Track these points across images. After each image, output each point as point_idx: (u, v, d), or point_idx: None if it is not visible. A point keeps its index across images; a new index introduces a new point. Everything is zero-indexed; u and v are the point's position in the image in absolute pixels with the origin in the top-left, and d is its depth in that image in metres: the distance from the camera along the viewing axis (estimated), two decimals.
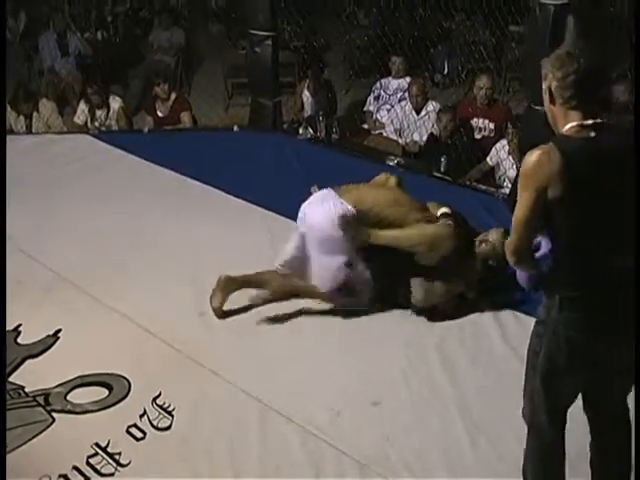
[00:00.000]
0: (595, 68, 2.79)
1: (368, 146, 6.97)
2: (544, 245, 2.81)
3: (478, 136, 6.91)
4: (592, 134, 2.73)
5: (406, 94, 7.29)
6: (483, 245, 4.50)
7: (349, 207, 4.25)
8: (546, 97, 2.84)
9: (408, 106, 7.18)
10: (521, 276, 2.98)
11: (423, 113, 7.10)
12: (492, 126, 6.88)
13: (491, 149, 6.38)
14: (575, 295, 2.78)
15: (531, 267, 2.82)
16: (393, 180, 4.69)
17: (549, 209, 2.71)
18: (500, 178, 6.37)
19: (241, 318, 4.42)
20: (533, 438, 3.06)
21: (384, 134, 7.28)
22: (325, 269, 4.33)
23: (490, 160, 6.39)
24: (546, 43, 5.10)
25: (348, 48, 9.67)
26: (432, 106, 7.10)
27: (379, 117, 7.51)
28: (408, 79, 7.38)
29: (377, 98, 7.65)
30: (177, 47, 9.85)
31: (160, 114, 7.52)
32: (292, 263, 4.45)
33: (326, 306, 4.46)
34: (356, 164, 5.94)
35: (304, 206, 4.43)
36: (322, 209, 4.29)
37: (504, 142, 6.34)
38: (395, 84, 7.52)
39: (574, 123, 2.75)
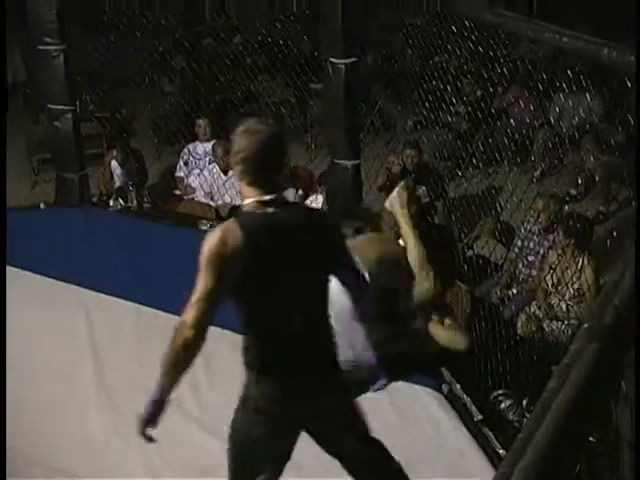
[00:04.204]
0: (265, 149, 2.71)
1: (181, 212, 6.94)
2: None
3: None
4: (270, 210, 2.72)
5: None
6: None
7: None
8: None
9: (216, 169, 7.23)
10: None
11: (231, 174, 7.14)
12: (300, 192, 6.92)
13: None
14: (267, 367, 2.81)
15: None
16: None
17: (233, 284, 2.69)
18: None
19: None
20: None
21: (196, 199, 7.28)
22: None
23: None
24: (340, 99, 5.29)
25: (153, 116, 9.64)
26: None
27: (190, 182, 7.50)
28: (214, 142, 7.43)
29: (186, 163, 7.65)
30: None
31: None
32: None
33: None
34: (169, 231, 5.90)
35: None
36: None
37: (317, 196, 6.46)
38: (202, 148, 7.56)
39: (252, 199, 2.74)
